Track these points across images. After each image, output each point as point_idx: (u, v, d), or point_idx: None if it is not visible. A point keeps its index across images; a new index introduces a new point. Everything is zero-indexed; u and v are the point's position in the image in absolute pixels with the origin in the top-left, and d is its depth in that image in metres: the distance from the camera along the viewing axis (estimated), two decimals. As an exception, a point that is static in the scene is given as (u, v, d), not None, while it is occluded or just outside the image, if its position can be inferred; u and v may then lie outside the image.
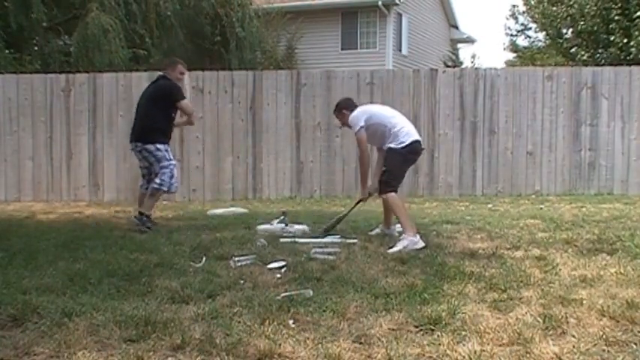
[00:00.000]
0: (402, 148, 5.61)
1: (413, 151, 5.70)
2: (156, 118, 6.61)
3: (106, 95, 10.34)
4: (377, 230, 6.06)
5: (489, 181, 10.41)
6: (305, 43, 20.94)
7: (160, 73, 7.02)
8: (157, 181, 6.52)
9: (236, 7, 16.41)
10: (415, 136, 5.71)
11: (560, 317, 3.27)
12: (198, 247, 5.39)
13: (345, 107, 5.98)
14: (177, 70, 6.79)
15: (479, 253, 5.06)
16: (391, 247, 5.25)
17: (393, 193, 5.56)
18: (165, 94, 6.67)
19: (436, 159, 10.38)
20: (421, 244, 5.26)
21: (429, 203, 9.34)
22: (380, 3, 20.42)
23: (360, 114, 5.77)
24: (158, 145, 6.55)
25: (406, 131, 5.68)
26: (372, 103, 7.08)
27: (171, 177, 6.55)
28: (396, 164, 5.66)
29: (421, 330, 3.19)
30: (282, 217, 6.48)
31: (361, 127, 5.70)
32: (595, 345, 2.93)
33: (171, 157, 6.64)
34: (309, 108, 10.43)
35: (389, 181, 5.61)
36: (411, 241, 5.26)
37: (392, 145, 5.64)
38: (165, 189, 6.55)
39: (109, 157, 10.30)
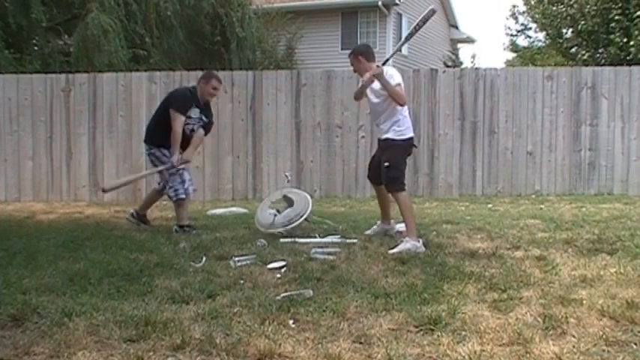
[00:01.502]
0: (403, 140, 5.55)
1: (411, 144, 5.67)
2: (165, 122, 6.35)
3: (106, 95, 10.34)
4: (374, 228, 6.04)
5: (489, 181, 10.41)
6: (305, 43, 20.94)
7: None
8: (171, 193, 6.38)
9: (236, 6, 16.41)
10: (411, 132, 5.65)
11: (560, 317, 3.27)
12: (198, 247, 5.39)
13: (362, 53, 5.60)
14: (210, 84, 6.44)
15: (479, 253, 5.05)
16: (392, 248, 5.24)
17: (403, 193, 5.49)
18: (168, 101, 6.47)
19: (436, 159, 10.38)
20: (422, 249, 5.23)
21: (429, 203, 9.33)
22: (380, 3, 20.42)
23: (397, 73, 5.54)
24: (164, 150, 6.38)
25: (408, 124, 5.61)
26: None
27: (183, 182, 6.35)
28: (398, 157, 5.55)
29: (421, 330, 3.19)
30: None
31: (399, 83, 5.41)
32: (595, 345, 2.93)
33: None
34: (309, 108, 10.42)
35: (397, 177, 5.49)
36: (413, 245, 5.22)
37: (392, 136, 5.51)
38: (182, 196, 6.36)
39: (109, 157, 10.30)
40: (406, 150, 5.63)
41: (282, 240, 5.65)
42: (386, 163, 5.50)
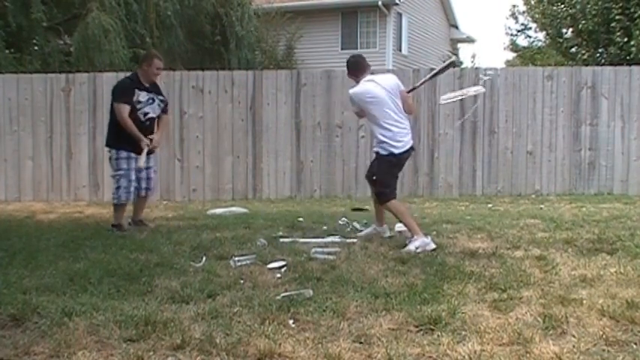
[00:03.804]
0: (387, 155, 5.50)
1: (399, 156, 5.54)
2: (113, 120, 6.33)
3: (106, 95, 10.22)
4: (368, 230, 5.99)
5: (489, 180, 10.41)
6: (305, 42, 20.93)
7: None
8: (112, 194, 6.44)
9: (236, 6, 16.42)
10: (401, 148, 5.49)
11: (560, 317, 3.27)
12: (198, 247, 5.38)
13: (349, 68, 5.77)
14: (153, 65, 6.30)
15: (479, 253, 5.05)
16: (404, 247, 5.24)
17: (392, 202, 5.50)
18: (112, 97, 6.41)
19: (436, 159, 10.38)
20: (432, 245, 5.21)
21: (429, 203, 9.33)
22: (380, 3, 20.40)
23: (357, 94, 5.58)
24: (113, 151, 6.35)
25: (394, 138, 5.46)
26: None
27: (117, 188, 6.29)
28: (384, 172, 5.56)
29: (421, 330, 3.19)
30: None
31: (354, 111, 5.80)
32: (595, 345, 2.93)
33: (120, 167, 6.27)
34: (309, 108, 10.43)
35: (383, 191, 5.58)
36: (422, 241, 5.22)
37: (379, 150, 5.56)
38: (116, 202, 6.34)
39: (109, 156, 10.29)
40: (392, 164, 5.55)
41: (282, 240, 5.66)
42: (374, 177, 5.64)
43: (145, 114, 6.33)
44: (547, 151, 10.36)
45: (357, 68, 5.75)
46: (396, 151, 5.49)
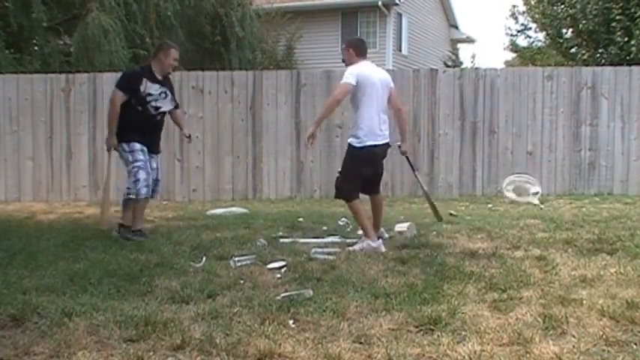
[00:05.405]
0: (360, 148, 5.32)
1: (369, 153, 5.33)
2: (125, 111, 5.88)
3: (106, 95, 10.21)
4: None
5: (489, 181, 10.41)
6: (305, 42, 20.93)
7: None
8: (126, 189, 5.96)
9: (236, 6, 16.43)
10: (373, 140, 5.31)
11: (560, 317, 3.27)
12: (198, 247, 5.39)
13: (354, 47, 5.50)
14: (170, 55, 5.96)
15: (479, 253, 5.05)
16: (351, 245, 5.34)
17: (352, 202, 5.35)
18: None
19: (436, 159, 10.37)
20: (382, 249, 5.18)
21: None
22: (380, 3, 20.40)
23: (355, 73, 5.28)
24: (124, 145, 5.92)
25: (368, 130, 5.30)
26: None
27: (136, 181, 5.80)
28: (350, 166, 5.37)
29: (421, 330, 3.20)
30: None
31: (350, 83, 5.24)
32: (595, 345, 2.93)
33: (137, 159, 5.85)
34: (309, 108, 10.42)
35: (341, 187, 5.42)
36: (368, 244, 5.22)
37: (351, 141, 5.38)
38: (133, 197, 5.86)
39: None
40: (362, 159, 5.33)
41: (282, 240, 5.66)
42: (339, 170, 5.51)
43: (157, 108, 5.98)
44: (547, 151, 10.35)
45: (358, 48, 5.53)
46: (369, 142, 5.30)
